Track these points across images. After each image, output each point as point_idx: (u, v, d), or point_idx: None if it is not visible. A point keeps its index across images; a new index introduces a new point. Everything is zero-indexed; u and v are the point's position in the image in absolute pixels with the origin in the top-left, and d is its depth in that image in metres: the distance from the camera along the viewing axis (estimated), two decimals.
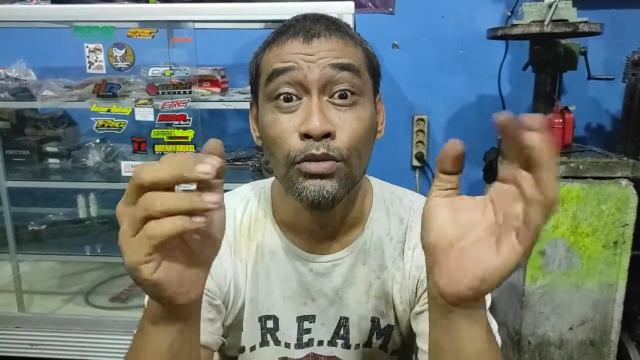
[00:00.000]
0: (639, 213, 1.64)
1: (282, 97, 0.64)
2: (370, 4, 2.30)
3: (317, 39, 0.65)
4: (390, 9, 2.29)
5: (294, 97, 0.64)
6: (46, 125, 2.09)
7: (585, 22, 1.54)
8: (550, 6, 1.52)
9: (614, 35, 2.18)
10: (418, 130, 2.36)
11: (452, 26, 2.27)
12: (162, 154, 1.67)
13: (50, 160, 2.00)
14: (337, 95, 0.64)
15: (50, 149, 1.99)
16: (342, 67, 0.64)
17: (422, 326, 0.72)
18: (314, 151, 0.63)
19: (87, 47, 1.58)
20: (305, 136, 0.63)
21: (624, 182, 1.63)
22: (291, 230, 0.76)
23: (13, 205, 1.84)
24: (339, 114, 0.65)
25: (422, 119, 2.35)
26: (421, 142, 2.36)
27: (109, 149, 1.92)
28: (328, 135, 0.63)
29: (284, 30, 0.68)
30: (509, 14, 2.20)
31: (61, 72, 2.06)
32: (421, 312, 0.73)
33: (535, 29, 1.56)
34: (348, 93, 0.65)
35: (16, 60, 2.05)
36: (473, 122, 2.33)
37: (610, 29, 2.19)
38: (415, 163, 2.39)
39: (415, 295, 0.75)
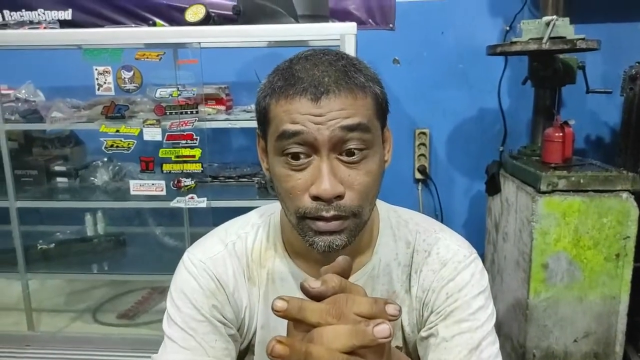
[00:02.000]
0: (639, 225, 1.66)
1: (291, 155, 0.66)
2: (370, 20, 2.34)
3: (325, 97, 0.64)
4: (391, 25, 2.33)
5: (303, 156, 0.65)
6: (53, 145, 2.13)
7: (583, 39, 1.58)
8: (548, 24, 1.56)
9: (612, 49, 2.21)
10: (420, 144, 2.39)
11: (452, 41, 2.31)
12: (170, 172, 1.71)
13: (59, 180, 2.03)
14: (346, 153, 0.65)
15: (58, 168, 2.02)
16: (352, 128, 0.64)
17: (424, 353, 0.74)
18: (324, 213, 0.65)
19: (96, 69, 1.62)
20: (316, 197, 0.65)
21: (625, 195, 1.65)
22: (300, 258, 0.78)
23: (21, 223, 1.86)
24: (349, 172, 0.66)
25: (423, 133, 2.38)
26: (423, 155, 2.40)
27: (117, 168, 1.96)
28: (338, 196, 0.65)
29: (292, 81, 0.66)
30: (508, 28, 2.24)
31: (68, 91, 2.10)
32: (427, 337, 0.75)
33: (533, 47, 1.60)
34: (357, 151, 0.66)
35: (24, 80, 2.10)
36: (474, 136, 2.37)
37: (608, 43, 2.23)
38: (418, 176, 2.41)
39: (422, 317, 0.78)
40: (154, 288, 2.24)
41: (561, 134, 1.76)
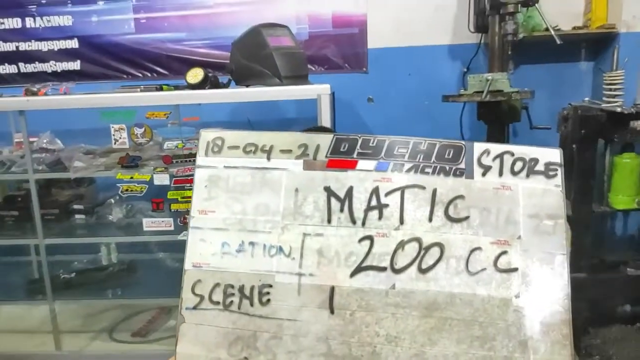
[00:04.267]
0: (572, 243, 1.98)
1: None
2: (346, 65, 2.67)
3: None
4: (364, 69, 2.66)
5: None
6: (70, 186, 2.41)
7: (517, 91, 1.91)
8: (487, 80, 1.89)
9: (556, 85, 2.56)
10: None
11: (417, 82, 2.64)
12: (177, 211, 2.01)
13: (77, 217, 2.32)
14: None
15: (76, 206, 2.30)
16: None
17: None
18: None
19: (112, 127, 1.92)
20: None
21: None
22: None
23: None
24: None
25: None
26: None
27: (130, 206, 2.25)
28: None
29: None
30: (465, 70, 2.58)
31: (81, 135, 2.39)
32: None
33: (477, 98, 1.93)
34: None
35: (40, 126, 2.37)
36: None
37: (553, 80, 2.58)
38: None
39: None
40: (162, 308, 2.52)
41: None
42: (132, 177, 1.96)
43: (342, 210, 0.71)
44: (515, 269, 0.67)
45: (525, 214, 0.69)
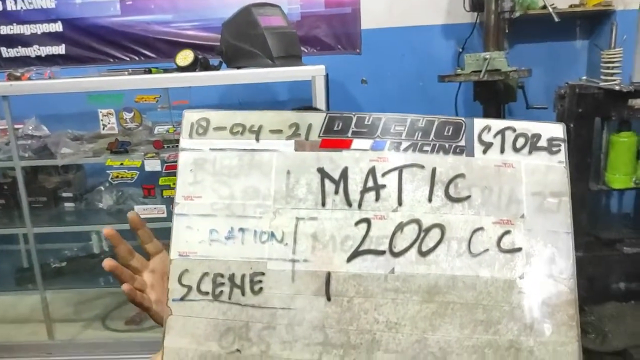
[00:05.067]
0: None
1: None
2: (339, 46, 2.61)
3: None
4: (357, 50, 2.61)
5: None
6: (58, 172, 2.35)
7: (515, 70, 1.88)
8: (485, 59, 1.85)
9: (552, 64, 2.53)
10: None
11: (412, 62, 2.60)
12: (170, 197, 1.96)
13: (66, 204, 2.27)
14: None
15: (65, 194, 2.25)
16: None
17: None
18: None
19: (100, 112, 1.86)
20: None
21: None
22: None
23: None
24: None
25: None
26: None
27: (120, 192, 2.21)
28: None
29: None
30: (460, 50, 2.53)
31: (68, 120, 2.33)
32: None
33: (474, 78, 1.90)
34: None
35: (24, 110, 2.31)
36: None
37: (549, 59, 2.55)
38: None
39: None
40: None
41: None
42: (122, 163, 1.91)
43: (336, 192, 0.67)
44: (519, 249, 0.65)
45: (529, 192, 0.66)
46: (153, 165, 1.89)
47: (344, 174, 0.68)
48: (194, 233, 0.68)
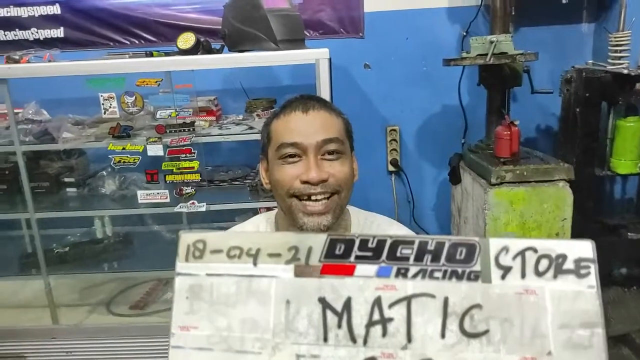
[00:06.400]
0: (574, 208, 1.97)
1: (288, 155, 0.94)
2: (342, 30, 2.57)
3: (312, 109, 0.95)
4: (360, 34, 2.57)
5: (296, 156, 0.93)
6: (59, 157, 2.34)
7: (522, 54, 1.85)
8: (492, 42, 1.82)
9: (557, 48, 2.50)
10: (391, 140, 2.66)
11: (416, 46, 2.56)
12: (172, 182, 1.95)
13: (68, 189, 2.25)
14: (327, 153, 0.94)
15: (67, 179, 2.24)
16: (331, 140, 0.94)
17: None
18: (312, 191, 0.92)
19: (101, 96, 1.84)
20: (305, 182, 0.92)
21: (561, 183, 1.96)
22: None
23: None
24: (330, 164, 0.94)
25: (394, 130, 2.65)
26: (395, 149, 2.67)
27: (122, 178, 2.19)
28: (323, 181, 0.92)
29: (288, 105, 0.98)
30: (464, 33, 2.50)
31: (68, 105, 2.30)
32: None
33: (480, 61, 1.87)
34: (335, 153, 0.94)
35: (25, 95, 2.28)
36: (439, 130, 2.65)
37: (554, 43, 2.52)
38: (391, 168, 2.70)
39: None
40: (159, 280, 2.50)
41: (509, 132, 2.05)
42: (124, 148, 1.89)
43: (339, 326, 0.61)
44: None
45: (555, 323, 0.58)
46: (155, 150, 1.87)
47: (347, 304, 0.62)
48: None
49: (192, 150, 1.89)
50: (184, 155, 1.90)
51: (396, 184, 2.73)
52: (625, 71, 1.78)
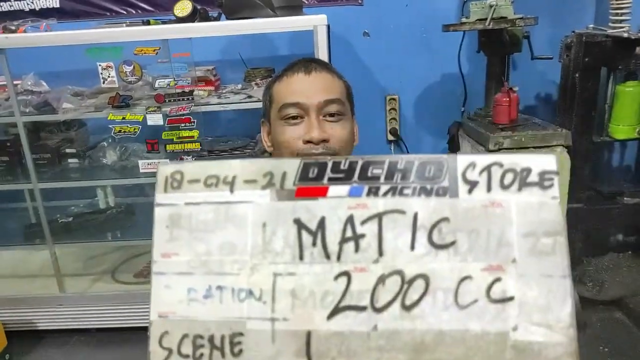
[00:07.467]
0: (572, 174, 1.99)
1: (290, 116, 0.95)
2: None
3: (314, 71, 0.96)
4: (359, 1, 2.54)
5: (299, 117, 0.95)
6: (59, 129, 2.34)
7: (521, 18, 1.83)
8: (491, 6, 1.81)
9: (558, 13, 2.47)
10: (391, 109, 2.66)
11: (415, 14, 2.53)
12: (173, 152, 1.97)
13: (70, 161, 2.27)
14: (328, 115, 0.95)
15: (68, 150, 2.25)
16: (332, 100, 0.95)
17: None
18: (314, 151, 0.94)
19: (99, 65, 1.83)
20: (308, 142, 0.94)
21: (559, 149, 1.97)
22: None
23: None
24: (331, 125, 0.95)
25: (393, 99, 2.65)
26: (394, 118, 2.67)
27: (123, 148, 2.20)
28: (325, 141, 0.94)
29: (290, 67, 0.99)
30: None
31: (67, 76, 2.30)
32: None
33: (479, 26, 1.85)
34: (336, 114, 0.96)
35: (23, 67, 2.27)
36: (438, 99, 2.64)
37: (555, 7, 2.49)
38: (390, 137, 2.70)
39: None
40: None
41: (508, 99, 2.05)
42: (124, 118, 1.90)
43: (314, 244, 0.64)
44: (511, 298, 0.59)
45: (520, 233, 0.60)
46: (155, 119, 1.88)
47: (322, 224, 0.64)
48: (172, 292, 0.65)
49: (192, 120, 1.90)
50: (183, 125, 1.90)
51: (396, 153, 2.74)
52: (626, 34, 1.77)
